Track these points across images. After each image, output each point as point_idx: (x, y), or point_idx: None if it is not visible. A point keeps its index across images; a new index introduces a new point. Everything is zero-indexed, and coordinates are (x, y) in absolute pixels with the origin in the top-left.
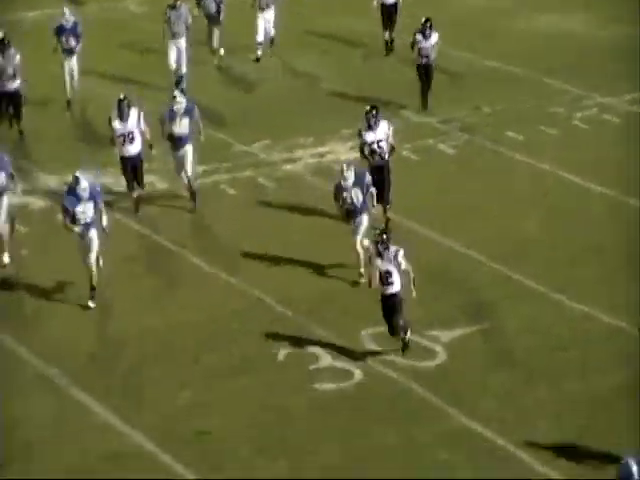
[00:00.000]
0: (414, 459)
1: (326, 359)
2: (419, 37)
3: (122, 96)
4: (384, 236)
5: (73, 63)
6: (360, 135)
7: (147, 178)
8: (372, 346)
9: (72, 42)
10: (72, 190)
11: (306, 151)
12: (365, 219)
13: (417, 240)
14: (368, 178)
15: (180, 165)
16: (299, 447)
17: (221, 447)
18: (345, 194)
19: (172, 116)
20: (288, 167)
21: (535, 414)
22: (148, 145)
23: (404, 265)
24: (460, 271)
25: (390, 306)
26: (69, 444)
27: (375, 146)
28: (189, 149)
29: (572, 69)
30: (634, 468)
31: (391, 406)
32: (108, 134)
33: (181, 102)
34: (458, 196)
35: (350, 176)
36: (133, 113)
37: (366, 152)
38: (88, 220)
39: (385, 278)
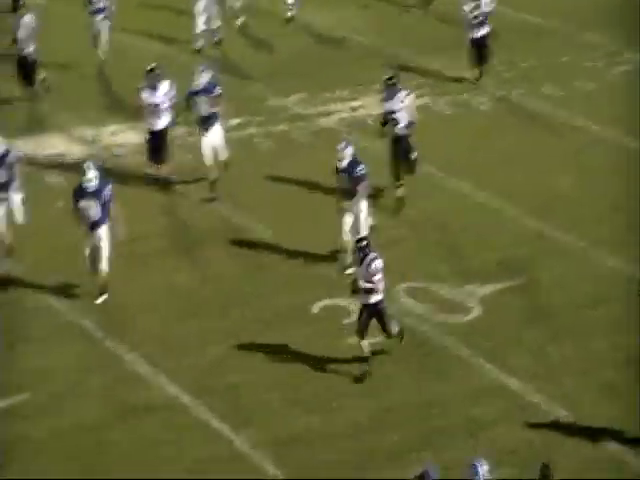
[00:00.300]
0: (447, 414)
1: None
2: (466, 6)
3: (152, 66)
4: (363, 243)
5: (103, 23)
6: (382, 104)
7: (179, 130)
8: (406, 301)
9: (103, 1)
10: (80, 184)
11: (340, 105)
12: (361, 205)
13: (451, 194)
14: (360, 170)
15: (212, 150)
16: (331, 401)
17: (254, 400)
18: (339, 175)
19: (195, 95)
20: (322, 121)
21: (562, 371)
22: (172, 120)
23: (377, 276)
24: (493, 226)
25: (372, 315)
26: (101, 395)
27: (390, 116)
28: (218, 130)
29: (608, 23)
30: None
31: (425, 361)
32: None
33: (203, 79)
34: (492, 151)
35: (344, 157)
36: (163, 85)
37: (385, 121)
38: (95, 218)
39: (363, 287)
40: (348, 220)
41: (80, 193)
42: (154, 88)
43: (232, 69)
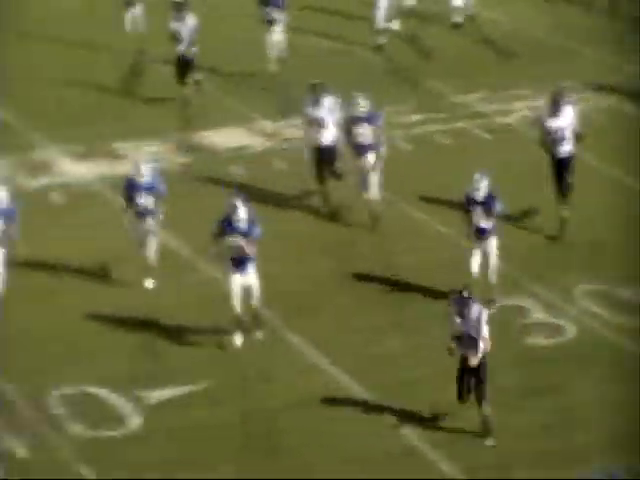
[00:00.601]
0: (628, 418)
1: (538, 313)
2: None
3: (316, 81)
4: (465, 293)
5: (277, 34)
6: (542, 121)
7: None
8: (586, 303)
9: (275, 13)
10: (227, 219)
11: (522, 103)
12: (492, 244)
13: (624, 194)
14: (499, 205)
15: (363, 180)
16: (506, 401)
17: (428, 397)
18: (472, 207)
19: (353, 121)
20: (503, 119)
21: None
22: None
23: (484, 330)
24: None
25: (470, 373)
26: (278, 383)
27: (558, 134)
28: (372, 160)
29: None
30: None
31: (604, 364)
32: None
33: (363, 107)
34: None
35: (481, 189)
36: (328, 99)
37: (548, 141)
38: (244, 256)
39: (466, 341)
40: (477, 259)
41: (229, 228)
42: (318, 102)
43: (414, 65)
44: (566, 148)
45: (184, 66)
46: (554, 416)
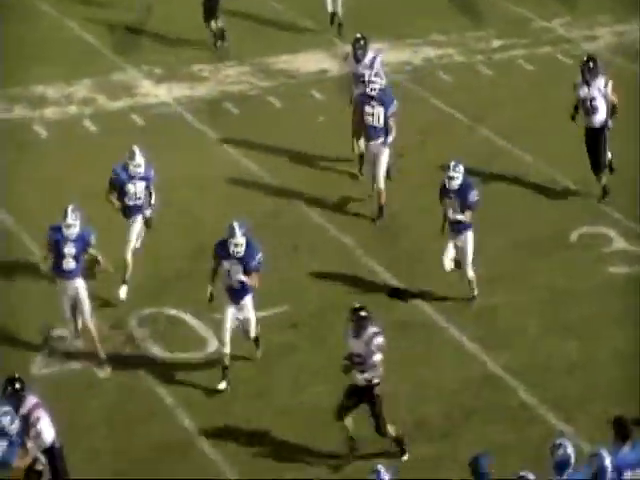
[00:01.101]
0: None
1: (620, 242)
2: None
3: (359, 35)
4: (361, 313)
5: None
6: (575, 89)
7: None
8: None
9: None
10: (223, 242)
11: (607, 29)
12: (468, 237)
13: None
14: (474, 196)
15: (371, 164)
16: (589, 329)
17: (510, 324)
18: (447, 200)
19: (364, 101)
20: (587, 45)
21: None
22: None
23: (377, 355)
24: None
25: (362, 401)
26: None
27: (588, 103)
28: (384, 155)
29: None
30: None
31: None
32: None
33: (375, 86)
34: None
35: (456, 177)
36: (369, 55)
37: (581, 110)
38: (240, 286)
39: (355, 362)
40: (451, 251)
41: (226, 253)
42: (359, 58)
43: None
44: (598, 119)
45: (211, 7)
46: (633, 346)
